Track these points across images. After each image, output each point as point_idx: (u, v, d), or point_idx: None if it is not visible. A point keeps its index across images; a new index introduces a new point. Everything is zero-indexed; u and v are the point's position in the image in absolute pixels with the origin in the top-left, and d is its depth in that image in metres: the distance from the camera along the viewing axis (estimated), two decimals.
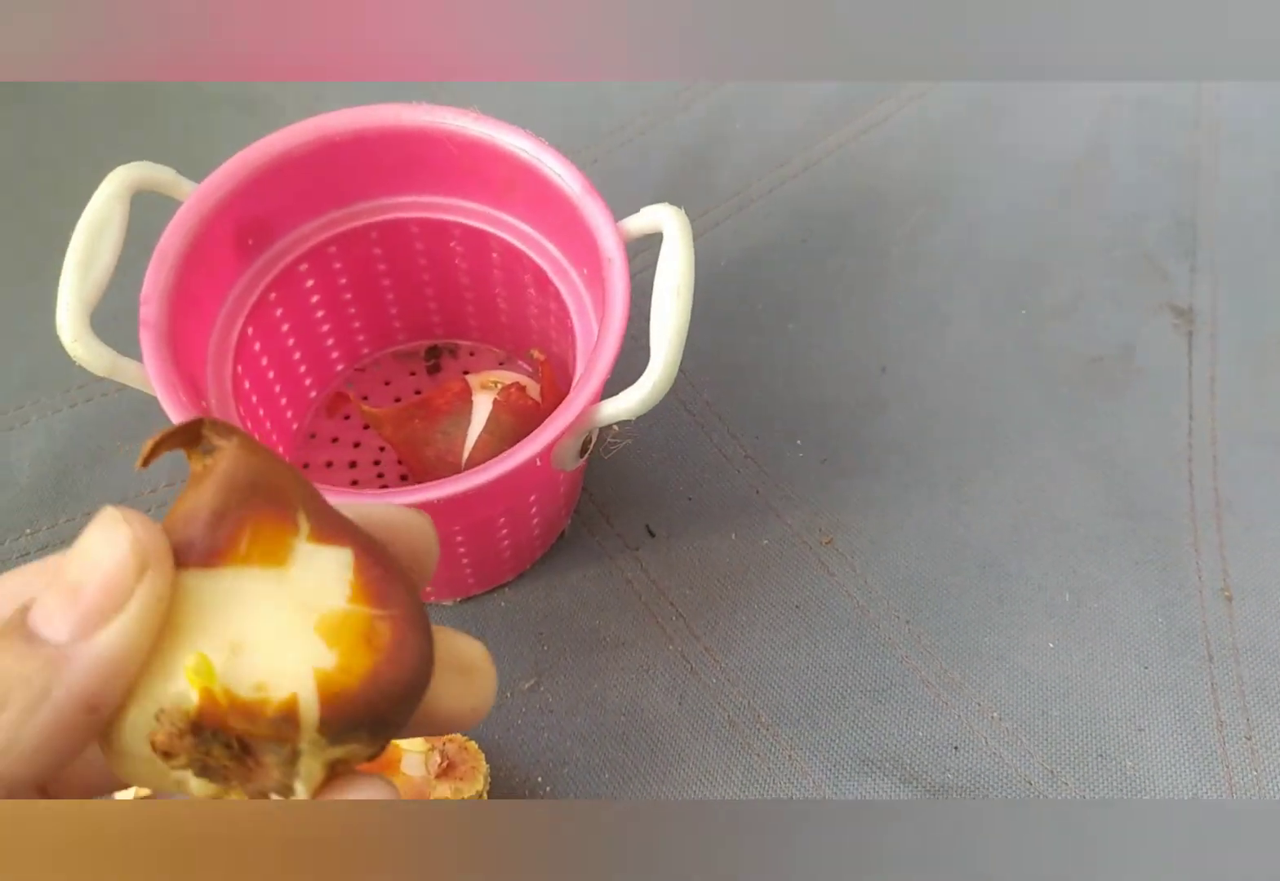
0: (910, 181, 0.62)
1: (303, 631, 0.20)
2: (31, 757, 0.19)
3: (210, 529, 0.20)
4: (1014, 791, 0.43)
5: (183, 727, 0.19)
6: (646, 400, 0.40)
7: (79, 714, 0.19)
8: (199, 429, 0.21)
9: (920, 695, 0.46)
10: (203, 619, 0.20)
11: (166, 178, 0.43)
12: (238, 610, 0.20)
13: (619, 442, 0.42)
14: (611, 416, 0.40)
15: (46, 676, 0.19)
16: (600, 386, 0.41)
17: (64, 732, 0.19)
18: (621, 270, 0.42)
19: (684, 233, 0.41)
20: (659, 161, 0.62)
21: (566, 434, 0.40)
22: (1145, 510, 0.51)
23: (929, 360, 0.56)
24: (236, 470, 0.21)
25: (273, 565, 0.21)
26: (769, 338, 0.57)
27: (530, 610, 0.49)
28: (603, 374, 0.41)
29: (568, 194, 0.44)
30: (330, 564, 0.21)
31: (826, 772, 0.44)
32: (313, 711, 0.20)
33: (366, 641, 0.20)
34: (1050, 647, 0.47)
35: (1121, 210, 0.61)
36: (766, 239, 0.60)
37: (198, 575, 0.20)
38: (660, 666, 0.47)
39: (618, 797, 0.44)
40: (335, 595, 0.21)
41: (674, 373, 0.39)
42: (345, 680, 0.20)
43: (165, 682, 0.19)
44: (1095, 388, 0.55)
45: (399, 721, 0.21)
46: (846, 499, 0.52)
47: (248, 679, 0.20)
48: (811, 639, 0.48)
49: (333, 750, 0.20)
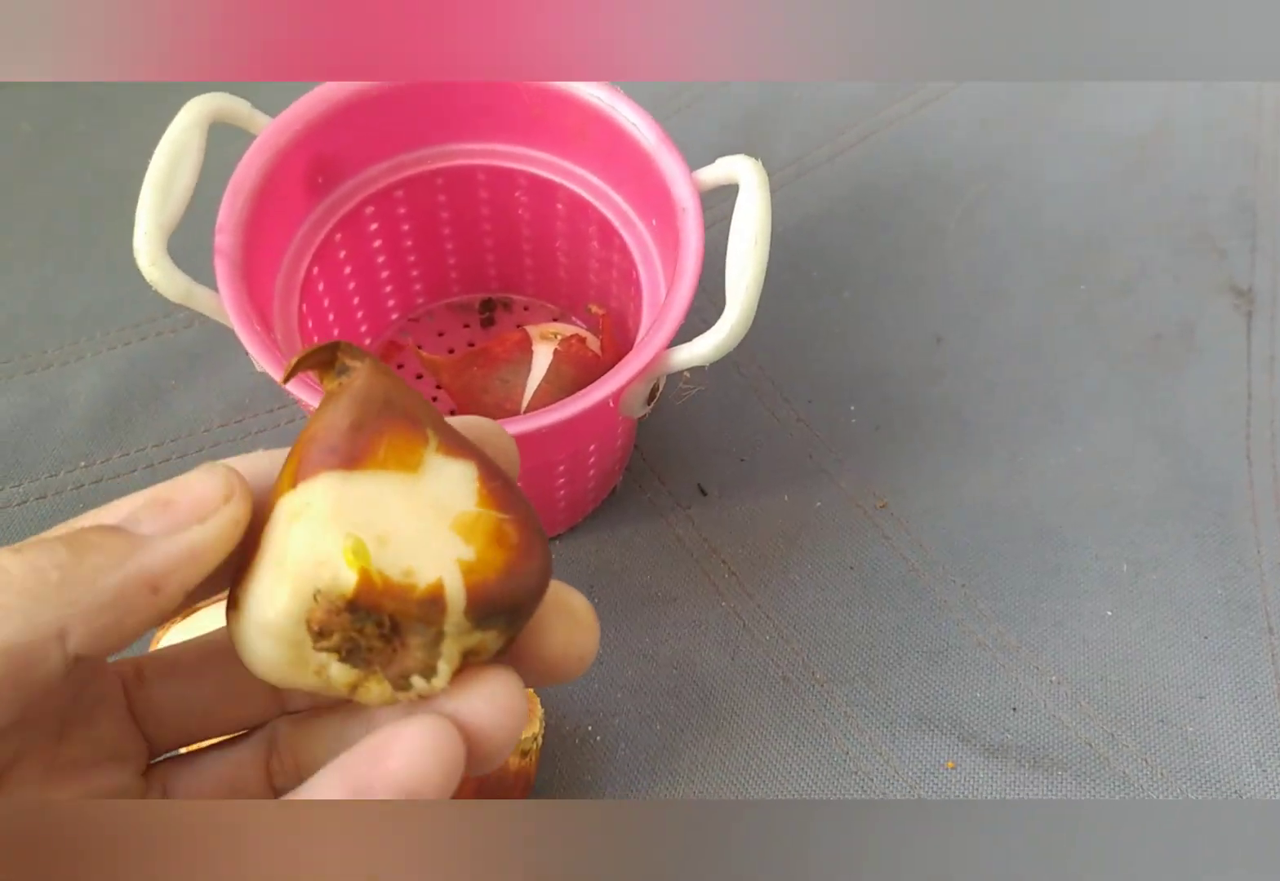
0: (970, 154, 0.62)
1: (440, 528, 0.22)
2: (92, 616, 0.21)
3: (352, 435, 0.22)
4: (1074, 752, 0.43)
5: (340, 605, 0.20)
6: (721, 346, 0.40)
7: (143, 590, 0.21)
8: (335, 352, 0.23)
9: (976, 657, 0.46)
10: (347, 513, 0.21)
11: (242, 110, 0.43)
12: (379, 508, 0.21)
13: (690, 389, 0.41)
14: (685, 362, 0.40)
15: (123, 550, 0.21)
16: (674, 331, 0.40)
17: (125, 601, 0.21)
18: (696, 219, 0.42)
19: (761, 183, 0.41)
20: (717, 126, 0.61)
21: (639, 377, 0.40)
22: (1204, 485, 0.51)
23: (985, 332, 0.56)
24: (372, 388, 0.22)
25: (407, 471, 0.22)
26: (823, 305, 0.57)
27: (581, 563, 0.49)
28: (677, 319, 0.41)
29: (641, 144, 0.44)
30: (457, 473, 0.22)
31: (882, 729, 0.44)
32: (459, 595, 0.21)
33: (498, 540, 0.22)
34: (1108, 615, 0.47)
35: (1183, 189, 0.60)
36: (823, 207, 0.60)
37: (340, 476, 0.21)
38: (712, 622, 0.47)
39: (669, 749, 0.44)
40: (465, 500, 0.22)
41: (749, 320, 0.39)
42: (485, 570, 0.21)
43: (318, 568, 0.21)
44: (1155, 364, 0.55)
45: (530, 611, 0.22)
46: (900, 465, 0.52)
47: (396, 565, 0.21)
48: (866, 600, 0.47)
49: (474, 635, 0.21)
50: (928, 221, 0.60)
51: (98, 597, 0.21)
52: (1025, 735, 0.43)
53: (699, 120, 0.62)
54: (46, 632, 0.20)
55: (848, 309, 0.57)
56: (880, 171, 0.61)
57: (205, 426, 0.51)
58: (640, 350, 0.40)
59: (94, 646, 0.21)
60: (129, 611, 0.21)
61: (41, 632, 0.20)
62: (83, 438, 0.50)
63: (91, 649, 0.21)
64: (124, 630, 0.21)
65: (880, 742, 0.43)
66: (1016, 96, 0.63)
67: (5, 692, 0.20)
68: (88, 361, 0.52)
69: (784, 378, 0.55)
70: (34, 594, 0.20)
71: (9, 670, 0.20)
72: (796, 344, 0.56)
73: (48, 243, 0.56)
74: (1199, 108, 0.63)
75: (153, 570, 0.21)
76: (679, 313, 0.41)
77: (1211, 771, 0.43)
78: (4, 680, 0.20)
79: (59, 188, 0.58)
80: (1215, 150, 0.62)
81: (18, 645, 0.20)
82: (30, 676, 0.20)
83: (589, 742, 0.44)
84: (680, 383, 0.41)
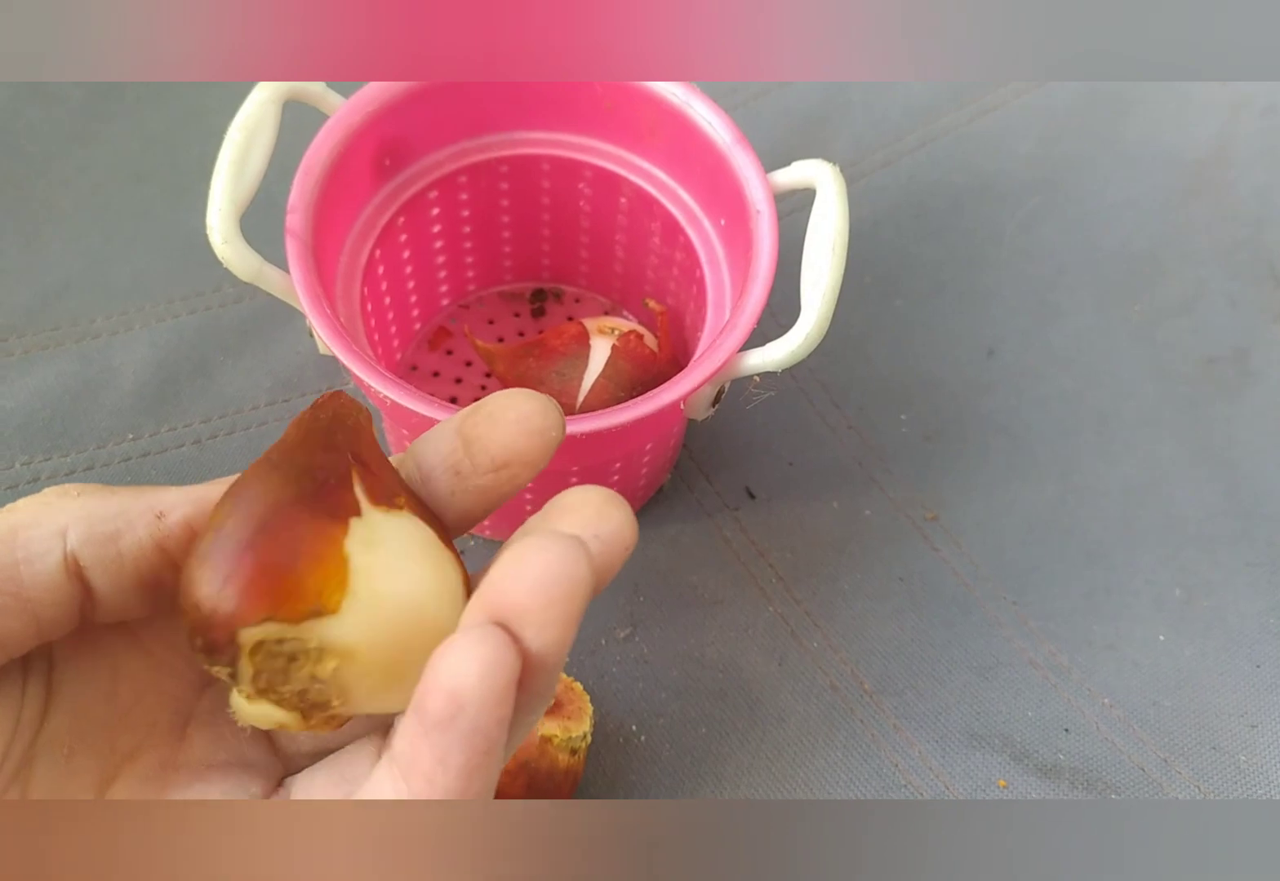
0: (1027, 167, 0.61)
1: None
2: (94, 522, 0.23)
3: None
4: (1128, 776, 0.42)
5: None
6: (796, 352, 0.40)
7: (147, 513, 0.24)
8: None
9: (1028, 676, 0.45)
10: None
11: (316, 89, 0.43)
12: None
13: (761, 393, 0.41)
14: (756, 367, 0.40)
15: (142, 489, 0.24)
16: (746, 335, 0.40)
17: (127, 517, 0.24)
18: (770, 222, 0.42)
19: (840, 190, 0.41)
20: (775, 126, 0.61)
21: (711, 379, 0.40)
22: (1257, 513, 0.50)
23: (1038, 347, 0.56)
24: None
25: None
26: (874, 312, 0.57)
27: (628, 560, 0.48)
28: (749, 323, 0.40)
29: (715, 142, 0.43)
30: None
31: (933, 744, 0.43)
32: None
33: None
34: (1161, 641, 0.46)
35: (1243, 213, 0.60)
36: (877, 213, 0.59)
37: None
38: (760, 627, 0.46)
39: (714, 753, 0.43)
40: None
41: (824, 328, 0.38)
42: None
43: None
44: (1210, 387, 0.54)
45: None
46: (950, 477, 0.51)
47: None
48: (916, 612, 0.47)
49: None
50: (983, 232, 0.59)
51: (103, 509, 0.23)
52: (1079, 757, 0.43)
53: (755, 120, 0.61)
54: (50, 528, 0.23)
55: (900, 316, 0.57)
56: (937, 179, 0.61)
57: (253, 404, 0.50)
58: (713, 352, 0.40)
59: (91, 551, 0.23)
60: (129, 525, 0.23)
61: (45, 528, 0.23)
62: (131, 410, 0.49)
63: (88, 552, 0.23)
64: (122, 543, 0.23)
65: (930, 757, 0.43)
66: (1077, 110, 0.63)
67: (5, 586, 0.22)
68: (136, 332, 0.51)
69: (835, 383, 0.54)
70: (51, 504, 0.23)
71: (9, 559, 0.23)
72: (848, 350, 0.55)
73: (97, 211, 0.55)
74: (1259, 133, 0.62)
75: (161, 502, 0.24)
76: (752, 316, 0.40)
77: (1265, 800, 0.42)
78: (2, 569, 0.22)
79: (108, 156, 0.57)
80: (1276, 174, 0.61)
81: (19, 529, 0.23)
82: (31, 569, 0.22)
83: (634, 743, 0.44)
84: (750, 387, 0.41)
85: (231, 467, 0.49)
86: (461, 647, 0.20)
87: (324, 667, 0.22)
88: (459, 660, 0.20)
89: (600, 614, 0.47)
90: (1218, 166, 0.61)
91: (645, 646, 0.46)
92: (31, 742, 0.24)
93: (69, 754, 0.24)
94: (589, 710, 0.40)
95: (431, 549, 0.24)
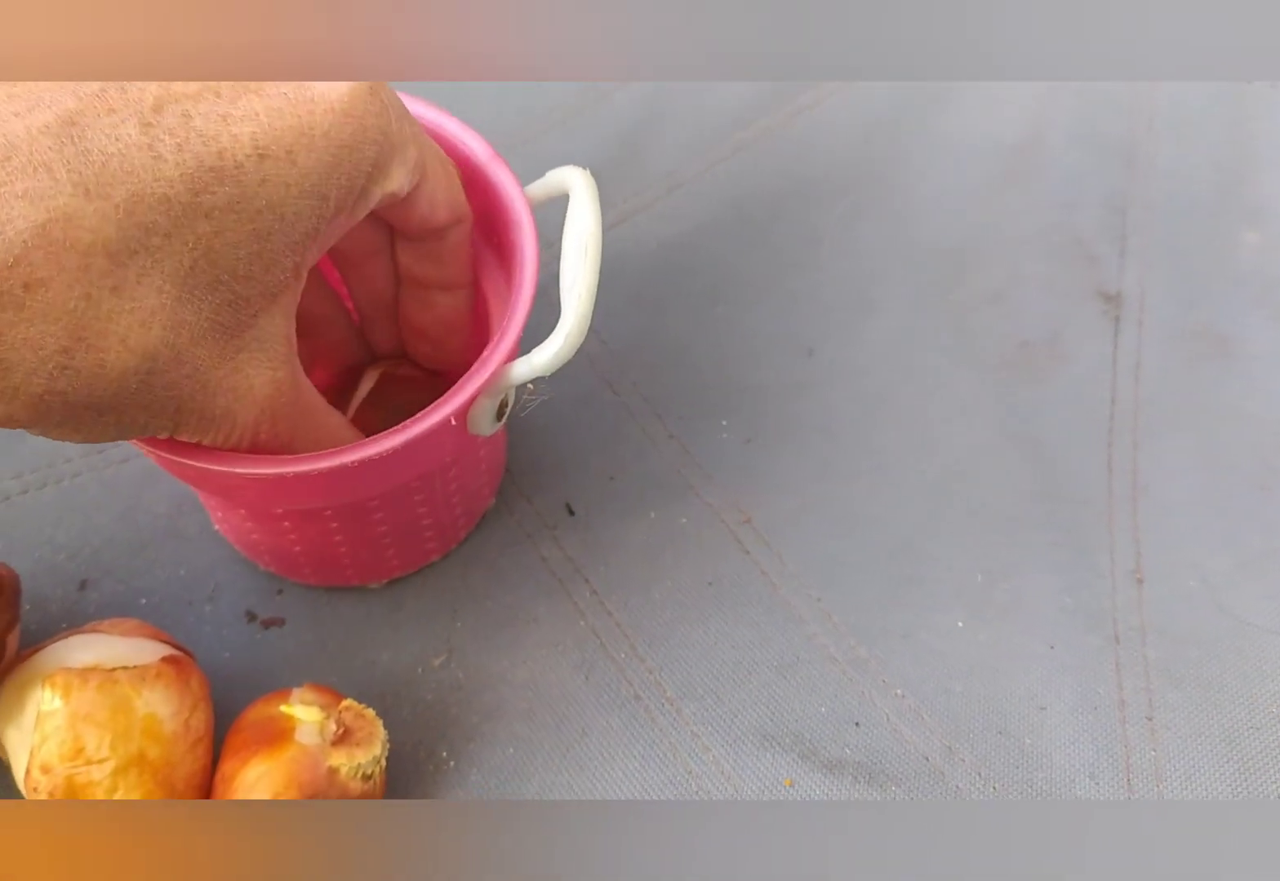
0: (844, 165, 0.62)
1: None
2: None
3: None
4: (910, 767, 0.43)
5: None
6: (559, 355, 0.40)
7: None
8: None
9: (825, 672, 0.46)
10: None
11: None
12: None
13: (534, 399, 0.42)
14: (525, 375, 0.40)
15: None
16: (513, 347, 0.40)
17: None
18: (530, 233, 0.42)
19: (589, 190, 0.41)
20: (590, 142, 0.62)
21: (481, 393, 0.40)
22: (1063, 494, 0.51)
23: (857, 344, 0.56)
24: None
25: None
26: (697, 320, 0.57)
27: (446, 588, 0.49)
28: (515, 335, 0.41)
29: (474, 160, 0.44)
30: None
31: (727, 747, 0.44)
32: None
33: None
34: (959, 627, 0.47)
35: (1056, 197, 0.61)
36: (697, 222, 0.60)
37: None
38: (570, 642, 0.47)
39: (520, 774, 0.44)
40: None
41: (584, 329, 0.39)
42: None
43: None
44: (1021, 373, 0.55)
45: None
46: (768, 479, 0.52)
47: None
48: (722, 615, 0.47)
49: None
50: (804, 233, 0.60)
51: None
52: (864, 751, 0.44)
53: (571, 137, 0.62)
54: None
55: (723, 323, 0.57)
56: (755, 183, 0.61)
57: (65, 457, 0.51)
58: (480, 367, 0.40)
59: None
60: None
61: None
62: None
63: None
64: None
65: (723, 761, 0.44)
66: (893, 104, 0.64)
67: None
68: None
69: (657, 395, 0.55)
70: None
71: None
72: (671, 360, 0.56)
73: None
74: (1072, 112, 0.63)
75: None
76: (516, 328, 0.41)
77: (1044, 783, 0.43)
78: None
79: None
80: (1088, 155, 0.62)
81: None
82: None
83: (443, 769, 0.44)
84: (524, 395, 0.41)
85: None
86: None
87: None
88: None
89: (416, 642, 0.47)
90: (1029, 152, 0.62)
91: (460, 672, 0.47)
92: None
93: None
94: (381, 735, 0.41)
95: None
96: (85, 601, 0.48)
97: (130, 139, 0.28)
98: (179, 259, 0.29)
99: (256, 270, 0.31)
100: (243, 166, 0.30)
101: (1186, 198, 0.61)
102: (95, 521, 0.49)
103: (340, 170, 0.31)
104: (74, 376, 0.29)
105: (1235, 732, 0.45)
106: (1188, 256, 0.59)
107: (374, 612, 0.48)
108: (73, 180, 0.27)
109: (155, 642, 0.42)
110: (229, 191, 0.30)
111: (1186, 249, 0.59)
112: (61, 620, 0.47)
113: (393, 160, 0.33)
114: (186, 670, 0.41)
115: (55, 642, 0.41)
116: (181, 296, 0.30)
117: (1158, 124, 0.63)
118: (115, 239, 0.28)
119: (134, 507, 0.50)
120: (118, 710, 0.38)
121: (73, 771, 0.38)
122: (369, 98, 0.32)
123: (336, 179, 0.31)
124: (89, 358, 0.29)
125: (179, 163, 0.29)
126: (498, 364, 0.40)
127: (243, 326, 0.32)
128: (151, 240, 0.29)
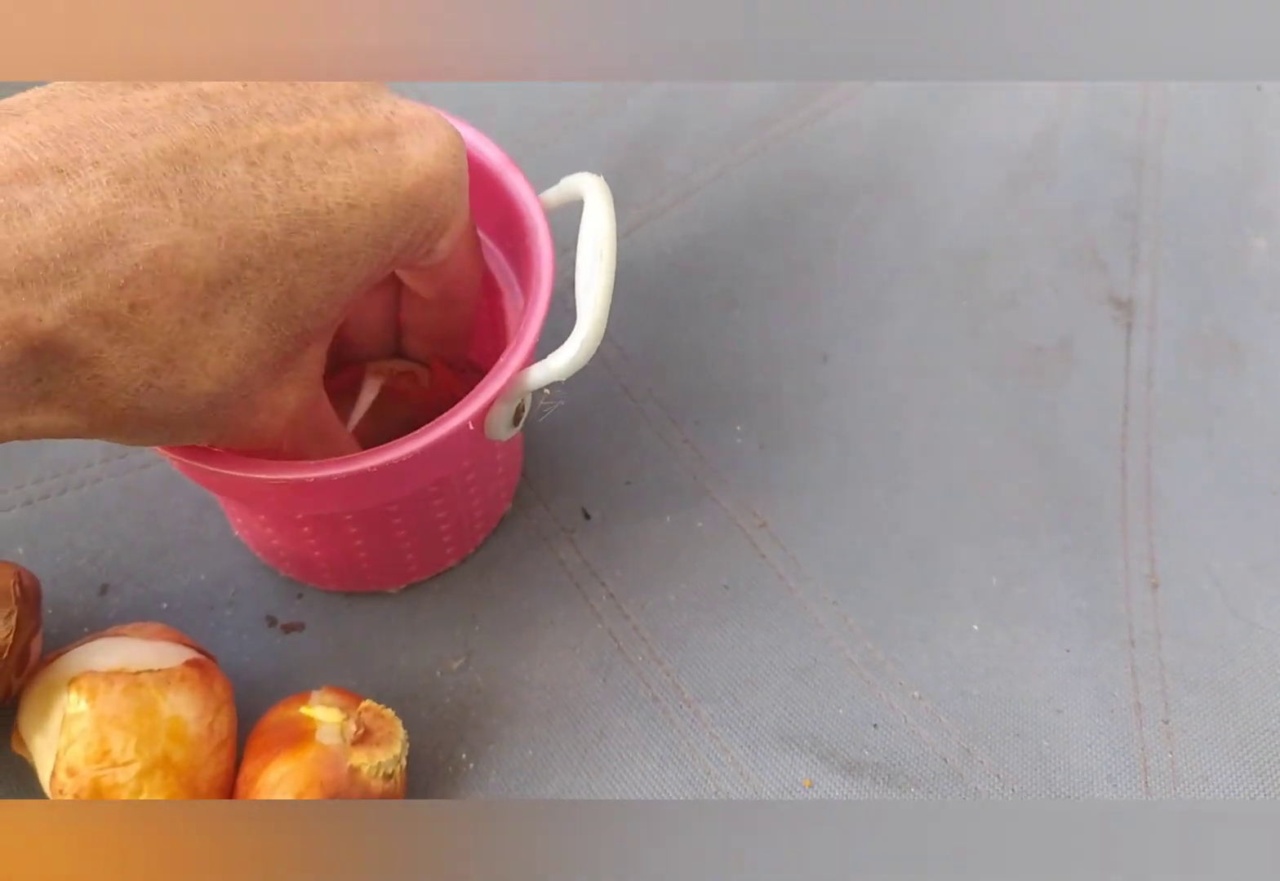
0: (858, 169, 0.62)
1: None
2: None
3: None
4: (929, 768, 0.43)
5: None
6: (575, 360, 0.40)
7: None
8: None
9: (843, 675, 0.46)
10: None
11: None
12: None
13: (551, 405, 0.42)
14: (541, 380, 0.41)
15: None
16: (529, 353, 0.41)
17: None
18: (546, 239, 0.43)
19: (604, 197, 0.41)
20: (605, 147, 0.62)
21: (498, 398, 0.40)
22: (1078, 498, 0.51)
23: (871, 349, 0.57)
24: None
25: None
26: (713, 325, 0.58)
27: (464, 592, 0.49)
28: (531, 340, 0.41)
29: (489, 166, 0.44)
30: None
31: (745, 748, 0.44)
32: None
33: None
34: (975, 630, 0.47)
35: (1068, 202, 0.61)
36: (712, 226, 0.60)
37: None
38: (588, 645, 0.47)
39: (539, 775, 0.44)
40: None
41: (600, 334, 0.39)
42: None
43: None
44: (1035, 377, 0.55)
45: None
46: (783, 483, 0.52)
47: None
48: (739, 619, 0.48)
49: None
50: (818, 236, 0.60)
51: None
52: (883, 752, 0.44)
53: (588, 140, 0.62)
54: None
55: (738, 327, 0.58)
56: (771, 187, 0.62)
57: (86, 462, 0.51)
58: (497, 373, 0.41)
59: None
60: None
61: None
62: None
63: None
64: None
65: (742, 762, 0.44)
66: (907, 109, 0.64)
67: None
68: None
69: (672, 399, 0.55)
70: None
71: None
72: (686, 365, 0.56)
73: None
74: (1084, 118, 0.64)
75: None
76: (533, 334, 0.41)
77: (1063, 786, 0.43)
78: None
79: None
80: (1100, 160, 0.62)
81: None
82: None
83: (463, 771, 0.44)
84: (541, 400, 0.42)
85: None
86: None
87: None
88: None
89: (435, 646, 0.48)
90: (1042, 157, 0.62)
91: (479, 675, 0.47)
92: None
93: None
94: (401, 734, 0.41)
95: None
96: (106, 606, 0.48)
97: (236, 176, 0.30)
98: (265, 293, 0.31)
99: (325, 307, 0.33)
100: (333, 213, 0.31)
101: (1197, 203, 0.61)
102: (116, 526, 0.50)
103: (409, 226, 0.34)
104: (155, 395, 0.30)
105: (1250, 736, 0.45)
106: (1199, 261, 0.59)
107: (392, 616, 0.48)
108: (184, 210, 0.29)
109: (178, 646, 0.42)
110: (318, 235, 0.31)
111: (1197, 254, 0.60)
112: (83, 624, 0.47)
113: (450, 223, 0.36)
114: (210, 673, 0.41)
115: (79, 646, 0.41)
116: (261, 327, 0.32)
117: (1168, 129, 0.64)
118: (214, 269, 0.29)
119: (155, 513, 0.50)
120: (143, 713, 0.39)
121: (98, 773, 0.38)
122: (452, 166, 0.35)
123: (403, 233, 0.34)
124: (171, 378, 0.30)
125: (278, 203, 0.30)
126: (514, 369, 0.40)
127: (298, 355, 0.34)
128: (245, 273, 0.30)
